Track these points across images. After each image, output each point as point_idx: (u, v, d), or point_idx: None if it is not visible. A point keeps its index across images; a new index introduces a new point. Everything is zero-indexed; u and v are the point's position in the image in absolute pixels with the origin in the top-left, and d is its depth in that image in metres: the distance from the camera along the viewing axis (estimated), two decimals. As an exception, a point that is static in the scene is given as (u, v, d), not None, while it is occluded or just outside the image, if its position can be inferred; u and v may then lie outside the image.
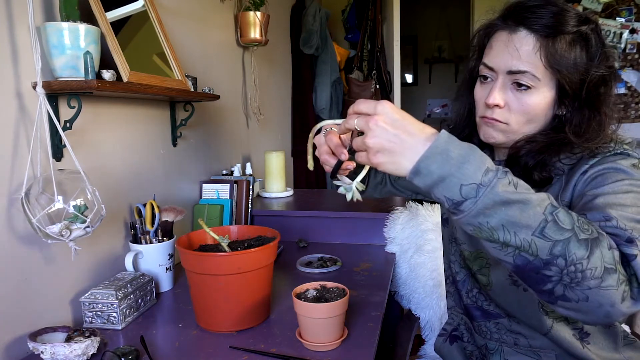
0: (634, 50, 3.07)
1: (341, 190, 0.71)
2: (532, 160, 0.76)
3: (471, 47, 0.86)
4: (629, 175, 0.68)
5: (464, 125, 0.89)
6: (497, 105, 0.77)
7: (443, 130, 0.57)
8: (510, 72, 0.74)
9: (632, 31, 3.06)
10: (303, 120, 2.91)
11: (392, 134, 0.57)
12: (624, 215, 0.62)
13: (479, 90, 0.81)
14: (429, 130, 0.58)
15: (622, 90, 3.14)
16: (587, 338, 0.80)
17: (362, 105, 0.62)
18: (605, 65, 0.74)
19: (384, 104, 0.59)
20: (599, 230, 0.57)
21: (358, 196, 0.69)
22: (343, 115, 3.10)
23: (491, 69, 0.77)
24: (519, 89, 0.75)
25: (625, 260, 0.57)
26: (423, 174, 0.56)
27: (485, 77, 0.79)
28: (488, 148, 0.88)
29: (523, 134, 0.78)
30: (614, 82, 0.76)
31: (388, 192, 1.11)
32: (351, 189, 0.70)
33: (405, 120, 0.58)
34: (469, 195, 0.55)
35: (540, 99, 0.75)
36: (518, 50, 0.73)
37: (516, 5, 0.76)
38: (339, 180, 0.72)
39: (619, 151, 0.72)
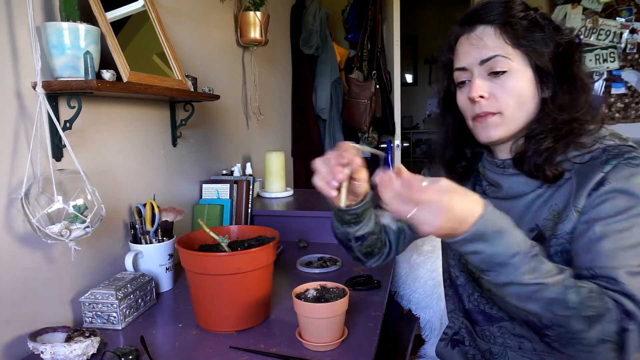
0: (634, 50, 3.07)
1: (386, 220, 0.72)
2: (539, 158, 0.76)
3: (439, 70, 0.90)
4: (635, 199, 0.68)
5: (450, 145, 0.90)
6: (481, 97, 0.78)
7: (483, 214, 0.62)
8: (482, 62, 0.77)
9: (632, 31, 3.06)
10: (303, 120, 2.91)
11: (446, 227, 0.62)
12: (628, 267, 0.65)
13: (461, 97, 0.82)
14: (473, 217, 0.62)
15: (622, 90, 3.14)
16: None
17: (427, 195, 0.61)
18: (566, 38, 0.77)
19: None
20: (607, 306, 0.62)
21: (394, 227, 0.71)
22: (343, 114, 3.10)
23: (464, 69, 0.80)
24: (497, 76, 0.76)
25: (622, 330, 0.62)
26: (462, 247, 0.64)
27: (463, 82, 0.81)
28: (485, 148, 0.87)
29: (520, 124, 0.78)
30: (580, 54, 0.78)
31: (410, 240, 1.07)
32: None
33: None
34: (493, 269, 0.64)
35: (520, 78, 0.76)
36: (482, 40, 0.77)
37: (466, 12, 0.82)
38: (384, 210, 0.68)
39: (630, 155, 0.71)
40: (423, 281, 1.44)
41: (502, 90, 0.76)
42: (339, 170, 0.75)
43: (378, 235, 0.97)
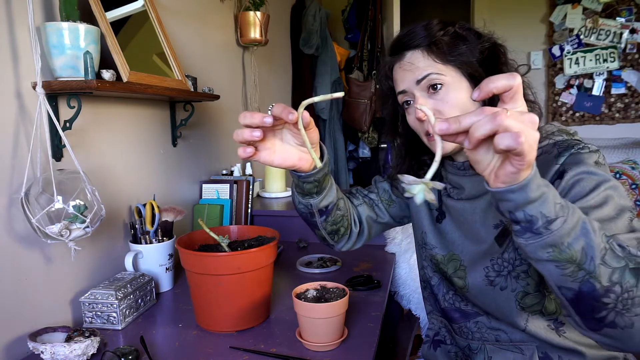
0: (634, 50, 3.07)
1: (408, 192, 0.56)
2: None
3: (382, 99, 0.94)
4: (600, 177, 0.69)
5: (409, 155, 0.94)
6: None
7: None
8: (418, 82, 0.80)
9: (632, 31, 3.06)
10: (303, 120, 2.91)
11: (532, 142, 0.50)
12: (619, 236, 0.62)
13: (410, 118, 0.85)
14: None
15: (622, 90, 3.14)
16: (562, 327, 0.82)
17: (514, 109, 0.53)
18: (487, 44, 0.80)
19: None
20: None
21: (431, 197, 0.55)
22: (343, 114, 3.10)
23: (404, 91, 0.83)
24: (436, 92, 0.79)
25: None
26: (530, 188, 0.53)
27: (407, 102, 0.84)
28: (448, 158, 0.89)
29: None
30: (505, 54, 0.82)
31: (386, 227, 1.09)
32: (422, 188, 0.55)
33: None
34: (559, 214, 0.54)
35: (458, 89, 0.78)
36: (412, 65, 0.80)
37: (392, 42, 0.86)
38: (400, 181, 0.59)
39: (579, 146, 0.73)
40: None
41: (444, 104, 0.78)
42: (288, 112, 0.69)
43: (343, 211, 0.94)
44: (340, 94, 0.67)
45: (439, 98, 0.79)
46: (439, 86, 0.78)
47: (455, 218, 0.89)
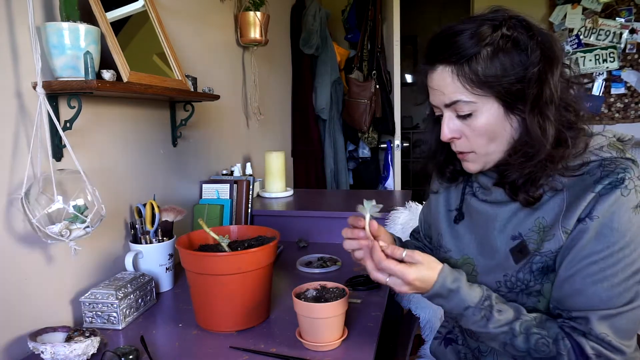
0: (634, 50, 3.07)
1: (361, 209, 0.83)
2: (520, 178, 0.75)
3: (420, 92, 0.86)
4: (624, 234, 0.68)
5: (439, 152, 0.90)
6: (453, 138, 0.78)
7: (440, 278, 0.76)
8: (447, 106, 0.76)
9: (632, 31, 3.06)
10: (303, 120, 2.91)
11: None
12: (604, 310, 0.69)
13: (439, 130, 0.82)
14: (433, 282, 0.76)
15: (622, 90, 3.14)
16: None
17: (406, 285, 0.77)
18: (542, 56, 0.70)
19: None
20: (560, 351, 0.71)
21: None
22: (343, 114, 3.10)
23: (436, 106, 0.79)
24: (464, 118, 0.75)
25: None
26: (438, 294, 0.76)
27: (440, 115, 0.80)
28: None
29: (497, 155, 0.77)
30: (553, 68, 0.70)
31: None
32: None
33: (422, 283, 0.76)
34: (456, 317, 0.78)
35: (487, 117, 0.73)
36: (441, 87, 0.75)
37: (427, 44, 0.77)
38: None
39: (625, 176, 0.69)
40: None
41: (470, 130, 0.76)
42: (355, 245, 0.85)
43: None
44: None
45: (467, 123, 0.75)
46: (467, 114, 0.74)
47: (475, 220, 0.86)
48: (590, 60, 3.15)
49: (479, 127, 0.74)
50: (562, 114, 0.73)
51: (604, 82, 3.16)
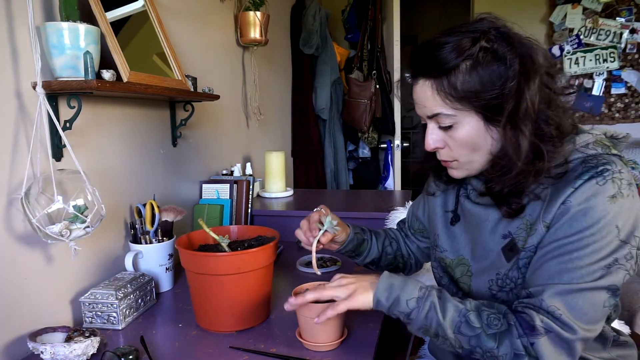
0: (634, 50, 3.07)
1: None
2: (505, 188, 0.76)
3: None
4: (598, 216, 0.68)
5: (432, 156, 0.89)
6: (437, 148, 0.80)
7: (384, 274, 0.81)
8: (429, 117, 0.78)
9: (632, 31, 3.06)
10: (303, 120, 2.91)
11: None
12: (560, 285, 0.69)
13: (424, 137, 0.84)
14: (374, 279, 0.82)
15: (622, 90, 3.14)
16: None
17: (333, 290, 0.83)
18: (521, 68, 0.69)
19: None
20: (509, 322, 0.71)
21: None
22: (343, 114, 3.10)
23: (420, 116, 0.81)
24: (445, 129, 0.77)
25: (529, 344, 0.69)
26: (381, 302, 0.79)
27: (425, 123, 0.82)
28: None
29: (480, 163, 0.78)
30: (530, 80, 0.69)
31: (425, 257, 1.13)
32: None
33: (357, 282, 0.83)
34: (414, 306, 0.76)
35: (468, 129, 0.75)
36: (422, 99, 0.77)
37: (410, 57, 0.78)
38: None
39: (605, 171, 0.69)
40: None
41: (453, 141, 0.77)
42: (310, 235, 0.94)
43: (393, 254, 1.08)
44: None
45: (449, 134, 0.77)
46: (448, 125, 0.76)
47: (469, 222, 0.88)
48: (591, 60, 3.15)
49: (460, 139, 0.76)
50: (540, 127, 0.72)
51: (604, 82, 3.16)
